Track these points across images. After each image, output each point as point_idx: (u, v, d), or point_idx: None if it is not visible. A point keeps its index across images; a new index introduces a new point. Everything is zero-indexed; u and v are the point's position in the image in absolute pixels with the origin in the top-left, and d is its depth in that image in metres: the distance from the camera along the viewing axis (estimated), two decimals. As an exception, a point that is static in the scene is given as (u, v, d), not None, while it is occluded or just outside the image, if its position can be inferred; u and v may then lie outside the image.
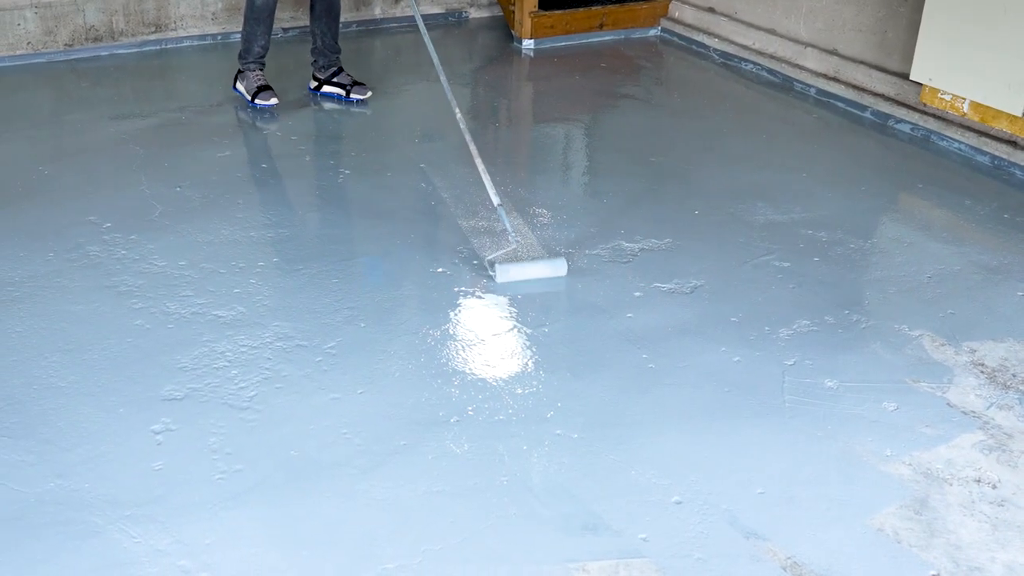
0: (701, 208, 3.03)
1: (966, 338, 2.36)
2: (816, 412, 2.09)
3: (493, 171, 3.29)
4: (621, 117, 3.81)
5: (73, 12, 4.07)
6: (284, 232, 2.81)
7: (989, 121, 3.29)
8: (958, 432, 2.03)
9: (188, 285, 2.50)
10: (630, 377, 2.20)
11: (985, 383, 2.19)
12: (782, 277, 2.63)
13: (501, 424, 2.03)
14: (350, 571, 1.67)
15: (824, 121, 3.78)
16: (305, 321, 2.37)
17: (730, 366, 2.24)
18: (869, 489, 1.87)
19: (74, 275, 2.52)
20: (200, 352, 2.23)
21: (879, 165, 3.40)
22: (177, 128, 3.48)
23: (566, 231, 2.86)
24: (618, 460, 1.94)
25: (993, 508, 1.83)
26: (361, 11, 4.72)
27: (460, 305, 2.47)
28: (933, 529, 1.78)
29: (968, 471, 1.92)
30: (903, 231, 2.95)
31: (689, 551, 1.72)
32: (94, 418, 2.00)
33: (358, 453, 1.94)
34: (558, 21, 4.57)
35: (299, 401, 2.09)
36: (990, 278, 2.64)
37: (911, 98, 3.62)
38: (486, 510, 1.80)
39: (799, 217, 2.97)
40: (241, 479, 1.86)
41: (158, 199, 2.96)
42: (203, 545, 1.71)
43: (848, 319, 2.44)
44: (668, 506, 1.82)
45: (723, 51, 4.42)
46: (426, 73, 4.21)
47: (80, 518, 1.75)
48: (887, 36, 3.76)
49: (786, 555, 1.72)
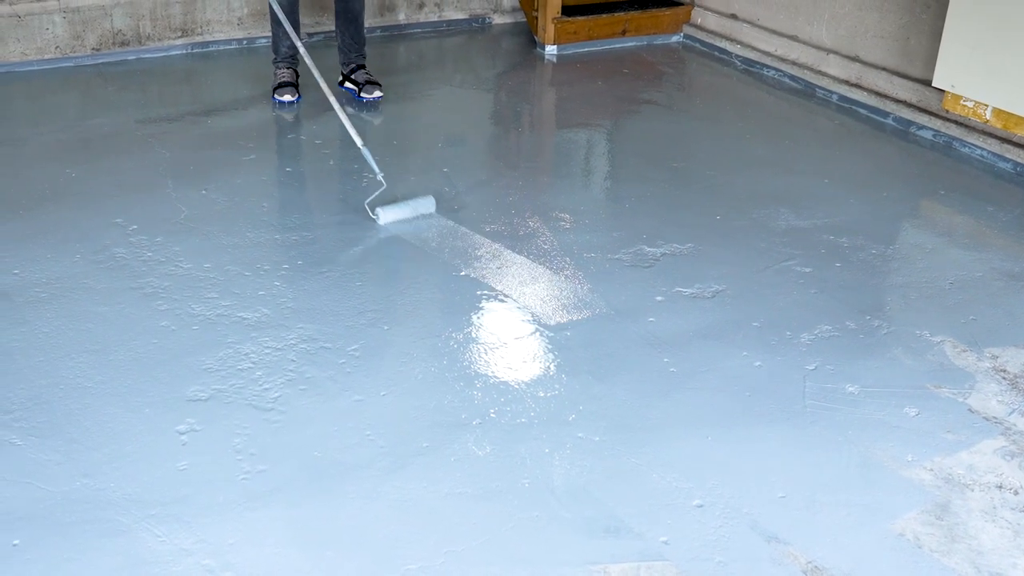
0: (723, 213, 3.02)
1: (988, 344, 2.34)
2: (837, 417, 2.08)
3: (516, 176, 3.31)
4: (643, 123, 3.80)
5: (101, 17, 4.13)
6: (308, 235, 2.83)
7: (1012, 128, 3.26)
8: (980, 438, 2.02)
9: (213, 287, 2.52)
10: (652, 381, 2.20)
11: (1007, 389, 2.17)
12: (804, 282, 2.62)
13: (523, 427, 2.04)
14: (372, 572, 1.67)
15: (846, 127, 3.76)
16: (329, 323, 2.38)
17: (751, 371, 2.24)
18: (890, 494, 1.86)
19: (100, 277, 2.55)
20: (225, 353, 2.25)
21: (901, 171, 3.38)
22: (203, 131, 3.51)
23: (588, 235, 2.86)
24: (639, 463, 1.94)
25: (1015, 514, 1.82)
26: (386, 16, 4.75)
27: (482, 308, 2.48)
28: (954, 535, 1.77)
29: (990, 477, 1.91)
30: (925, 237, 2.93)
31: (710, 554, 1.72)
32: (120, 418, 2.03)
33: (381, 455, 1.95)
34: (581, 27, 4.57)
35: (323, 403, 2.10)
36: (1012, 284, 2.62)
37: (933, 105, 3.60)
38: (508, 512, 1.81)
39: (821, 223, 2.96)
40: (265, 480, 1.88)
41: (184, 202, 2.99)
42: (227, 544, 1.72)
43: (869, 324, 2.42)
44: (689, 509, 1.82)
45: (745, 57, 4.41)
46: (449, 78, 4.23)
47: (106, 517, 1.77)
48: (909, 43, 3.74)
49: (807, 559, 1.71)
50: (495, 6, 4.94)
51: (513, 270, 2.66)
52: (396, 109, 3.81)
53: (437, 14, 4.84)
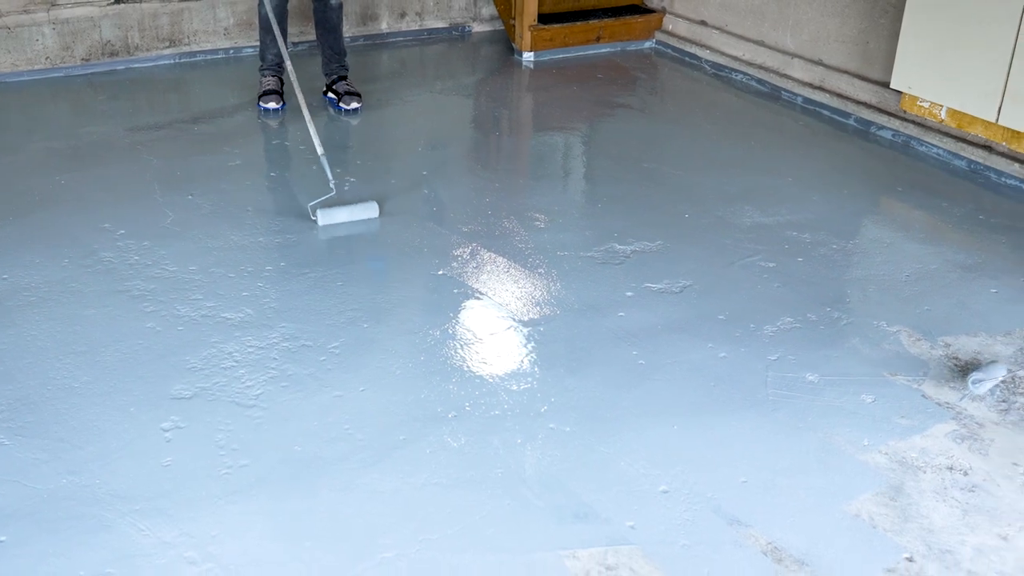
0: (691, 212, 3.03)
1: (941, 333, 2.36)
2: (798, 405, 2.10)
3: (493, 178, 3.31)
4: (617, 125, 3.81)
5: (90, 28, 4.10)
6: (291, 238, 2.83)
7: (965, 127, 3.29)
8: (932, 422, 2.03)
9: (198, 289, 2.51)
10: (621, 373, 2.20)
11: (959, 376, 2.19)
12: (767, 277, 2.64)
13: (497, 419, 2.04)
14: (351, 561, 1.67)
15: (810, 128, 3.78)
16: (310, 322, 2.38)
17: (716, 362, 2.25)
18: (847, 477, 1.88)
19: (88, 280, 2.54)
20: (209, 353, 2.24)
21: (862, 170, 3.40)
22: (190, 139, 3.50)
23: (562, 234, 2.86)
24: (608, 452, 1.95)
25: (964, 494, 1.84)
26: (368, 25, 4.74)
27: (459, 306, 2.48)
28: (907, 514, 1.78)
29: (941, 459, 1.93)
30: (883, 232, 2.96)
31: (675, 538, 1.73)
32: (106, 417, 2.02)
33: (359, 448, 1.95)
34: (557, 34, 4.58)
35: (304, 399, 2.10)
36: (965, 276, 2.64)
37: (892, 106, 3.62)
38: (481, 501, 1.81)
39: (785, 220, 2.97)
40: (247, 474, 1.87)
41: (170, 207, 2.97)
42: (209, 537, 1.72)
43: (830, 316, 2.44)
44: (655, 495, 1.83)
45: (714, 62, 4.42)
46: (430, 85, 4.23)
47: (91, 513, 1.76)
48: (869, 47, 3.76)
49: (767, 540, 1.72)
50: (474, 15, 4.94)
51: (489, 268, 2.66)
52: (378, 115, 3.80)
53: (418, 23, 4.83)
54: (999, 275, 2.66)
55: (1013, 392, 2.15)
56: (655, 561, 1.67)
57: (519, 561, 1.68)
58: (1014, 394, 2.14)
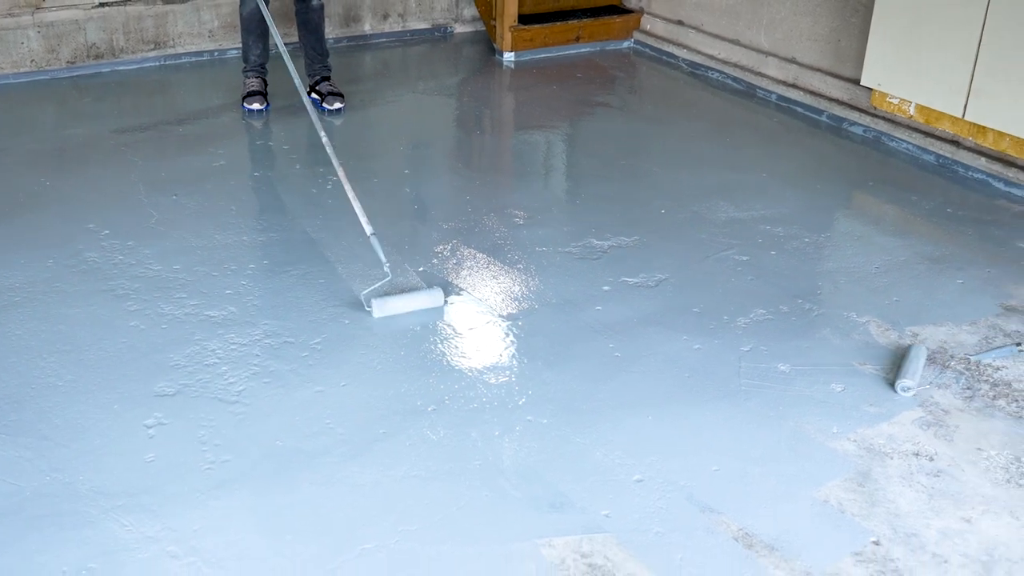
0: (668, 207, 3.04)
1: (909, 323, 2.38)
2: (769, 394, 2.10)
3: (474, 175, 3.31)
4: (596, 124, 3.81)
5: (75, 31, 4.06)
6: (274, 236, 2.81)
7: (933, 122, 3.31)
8: (899, 410, 2.05)
9: (182, 287, 2.50)
10: (598, 365, 2.21)
11: (925, 364, 2.20)
12: (741, 270, 2.65)
13: (475, 412, 2.04)
14: (331, 553, 1.67)
15: (784, 125, 3.79)
16: (293, 319, 2.37)
17: (691, 353, 2.26)
18: (816, 464, 1.89)
19: (73, 280, 2.52)
20: (192, 350, 2.23)
21: (834, 165, 3.42)
22: (175, 140, 3.47)
23: (541, 230, 2.86)
24: (584, 443, 1.95)
25: (929, 479, 1.85)
26: (351, 27, 4.72)
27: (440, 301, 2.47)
28: (874, 499, 1.79)
29: (908, 445, 1.94)
30: (854, 225, 2.97)
31: (648, 525, 1.73)
32: (89, 415, 2.00)
33: (340, 442, 1.95)
34: (537, 35, 4.58)
35: (285, 394, 2.09)
36: (933, 267, 2.66)
37: (863, 102, 3.64)
38: (459, 492, 1.81)
39: (758, 214, 2.98)
40: (229, 469, 1.87)
41: (155, 207, 2.95)
42: (191, 531, 1.71)
43: (801, 308, 2.45)
44: (630, 484, 1.83)
45: (691, 61, 4.43)
46: (412, 85, 4.22)
47: (74, 509, 1.75)
48: (840, 45, 3.78)
49: (738, 527, 1.73)
50: (456, 16, 4.93)
51: (469, 265, 2.66)
52: (361, 115, 3.79)
53: (401, 24, 4.82)
54: (965, 266, 2.67)
55: (977, 380, 2.17)
56: (629, 548, 1.68)
57: (497, 551, 1.68)
58: (978, 382, 2.16)
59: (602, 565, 1.64)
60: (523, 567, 1.64)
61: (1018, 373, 2.19)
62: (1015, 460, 1.91)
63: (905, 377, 2.09)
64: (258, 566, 1.64)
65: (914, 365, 2.12)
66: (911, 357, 2.15)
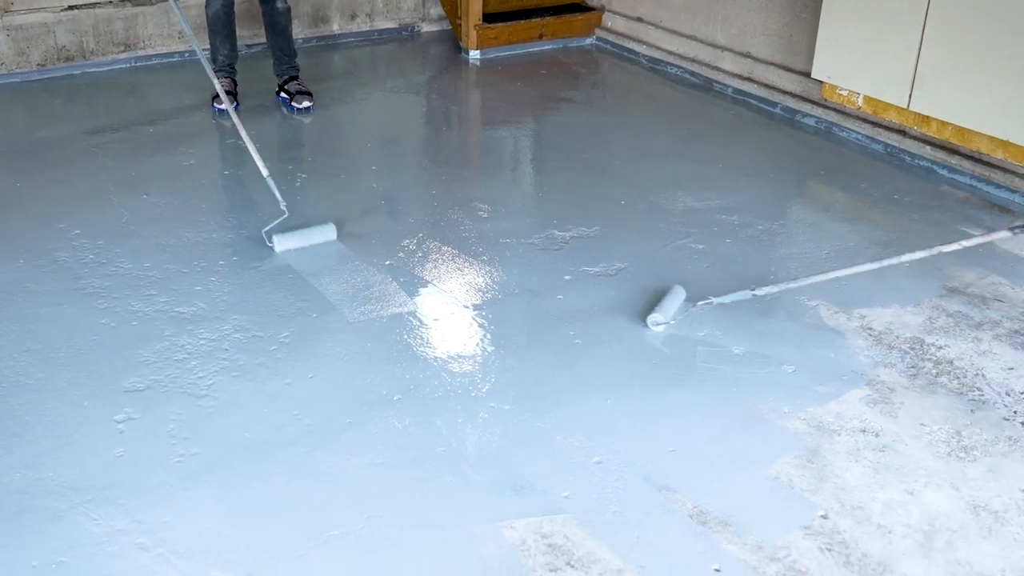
0: (627, 198, 3.04)
1: (857, 306, 2.40)
2: (724, 377, 2.12)
3: (440, 171, 3.29)
4: (560, 119, 3.81)
5: (44, 34, 3.98)
6: (244, 233, 2.78)
7: (881, 113, 3.34)
8: (847, 388, 2.07)
9: (152, 285, 2.46)
10: (559, 352, 2.21)
11: (872, 344, 2.23)
12: (697, 257, 2.66)
13: (440, 400, 2.03)
14: (298, 540, 1.66)
15: (740, 117, 3.81)
16: (261, 314, 2.34)
17: (649, 338, 2.26)
18: (768, 443, 1.90)
19: (43, 280, 2.47)
20: (162, 346, 2.20)
21: (787, 155, 3.44)
22: (146, 140, 3.42)
23: (504, 223, 2.85)
24: (546, 428, 1.95)
25: (875, 454, 1.87)
26: (320, 27, 4.67)
27: (405, 293, 2.46)
28: (823, 475, 1.81)
29: (855, 422, 1.96)
30: (806, 213, 2.99)
31: (607, 505, 1.74)
32: (59, 412, 1.97)
33: (308, 433, 1.93)
34: (501, 33, 4.55)
35: (254, 388, 2.07)
36: (881, 252, 2.69)
37: (814, 94, 3.67)
38: (424, 478, 1.80)
39: (714, 204, 3.00)
40: (198, 461, 1.84)
41: (125, 206, 2.90)
42: (160, 523, 1.69)
43: (755, 293, 2.46)
44: (589, 466, 1.84)
45: (651, 56, 4.44)
46: (381, 84, 4.18)
47: (44, 504, 1.72)
48: (792, 39, 3.80)
49: (693, 504, 1.74)
50: (423, 15, 4.89)
51: (435, 257, 2.64)
52: (330, 113, 3.75)
53: (369, 24, 4.77)
54: (912, 250, 2.69)
55: (922, 359, 2.19)
56: (588, 528, 1.68)
57: (460, 534, 1.67)
58: (923, 360, 2.19)
59: (562, 545, 1.65)
60: (485, 549, 1.64)
61: (960, 351, 2.22)
62: (956, 434, 1.94)
63: (657, 312, 2.21)
64: (226, 555, 1.63)
65: (669, 303, 2.24)
66: (669, 295, 2.27)
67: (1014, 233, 2.09)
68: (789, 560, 1.62)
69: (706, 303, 2.28)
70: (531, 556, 1.62)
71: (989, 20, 2.86)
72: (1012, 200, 3.02)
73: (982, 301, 2.43)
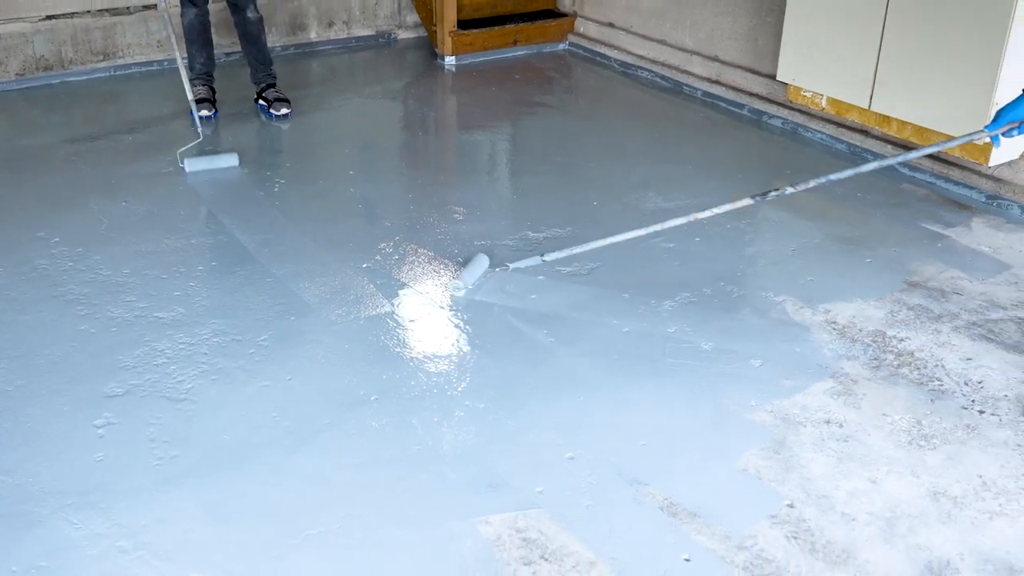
0: (599, 199, 3.05)
1: (822, 301, 2.42)
2: (693, 372, 2.13)
3: (417, 175, 3.28)
4: (534, 123, 3.81)
5: (22, 43, 3.93)
6: (223, 238, 2.76)
7: (843, 114, 3.38)
8: (812, 381, 2.09)
9: (131, 291, 2.44)
10: (533, 351, 2.21)
11: (836, 338, 2.25)
12: (667, 256, 2.67)
13: (416, 399, 2.03)
14: (276, 540, 1.65)
15: (709, 119, 3.83)
16: (240, 318, 2.33)
17: (620, 336, 2.27)
18: (736, 435, 1.91)
19: (23, 287, 2.44)
20: (141, 351, 2.18)
21: (755, 155, 3.47)
22: (125, 148, 3.38)
23: (479, 225, 2.85)
24: (520, 425, 1.95)
25: (839, 444, 1.89)
26: (298, 35, 4.65)
27: (382, 295, 2.45)
28: (789, 465, 1.83)
29: (820, 414, 1.98)
30: (773, 212, 3.02)
31: (579, 500, 1.74)
32: (39, 418, 1.95)
33: (286, 434, 1.92)
34: (476, 39, 4.55)
35: (233, 390, 2.06)
36: (844, 248, 2.72)
37: (780, 96, 3.70)
38: (400, 477, 1.80)
39: (684, 203, 3.01)
40: (177, 464, 1.83)
41: (105, 214, 2.87)
42: (140, 526, 1.67)
43: (723, 290, 2.48)
44: (562, 462, 1.84)
45: (622, 61, 4.45)
46: (359, 90, 4.16)
47: (24, 510, 1.70)
48: (758, 43, 3.83)
49: (664, 497, 1.75)
50: (399, 23, 4.88)
51: (411, 260, 2.64)
52: (308, 119, 3.73)
53: (346, 31, 4.76)
54: (874, 246, 2.74)
55: (884, 351, 2.22)
56: (561, 522, 1.69)
57: (436, 531, 1.67)
58: (885, 352, 2.21)
59: (536, 539, 1.65)
60: (461, 545, 1.64)
61: (920, 343, 2.25)
62: (916, 423, 1.97)
63: (458, 279, 2.39)
64: (206, 556, 1.61)
65: (472, 269, 2.41)
66: (472, 262, 2.45)
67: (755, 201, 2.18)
68: (756, 549, 1.63)
69: (502, 268, 2.49)
70: (506, 551, 1.62)
71: (944, 25, 2.90)
72: (969, 196, 3.07)
73: (941, 294, 2.46)
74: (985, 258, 2.66)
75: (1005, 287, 2.50)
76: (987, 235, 2.80)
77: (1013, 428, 1.94)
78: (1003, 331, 2.29)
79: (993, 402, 2.02)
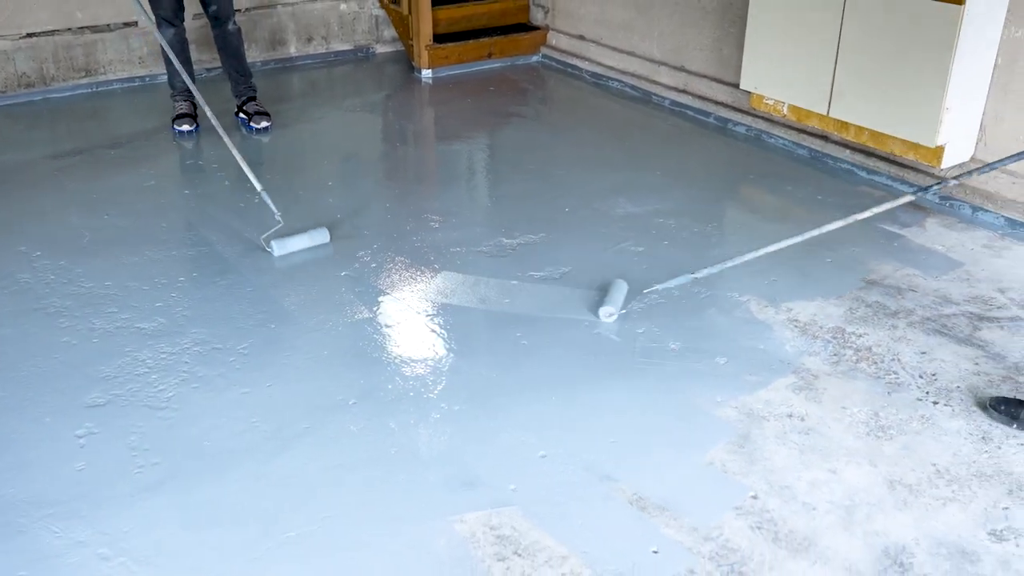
0: (571, 206, 3.06)
1: (784, 300, 2.45)
2: (662, 371, 2.14)
3: (394, 185, 3.28)
4: (509, 133, 3.82)
5: (3, 61, 3.89)
6: (204, 250, 2.74)
7: (804, 120, 3.42)
8: (775, 377, 2.11)
9: (113, 302, 2.42)
10: (506, 354, 2.21)
11: (798, 335, 2.28)
12: (637, 259, 2.69)
13: (393, 403, 2.03)
14: (256, 542, 1.64)
15: (677, 127, 3.86)
16: (220, 327, 2.31)
17: (591, 338, 2.28)
18: (703, 431, 1.93)
19: (4, 301, 2.41)
20: (123, 361, 2.16)
21: (720, 161, 3.50)
22: (107, 162, 3.35)
23: (455, 232, 2.86)
24: (494, 426, 1.95)
25: (801, 437, 1.91)
26: (278, 50, 4.63)
27: (360, 302, 2.45)
28: (753, 458, 1.84)
29: (782, 408, 2.00)
30: (738, 215, 3.05)
31: (551, 496, 1.75)
32: (21, 429, 1.92)
33: (266, 439, 1.91)
34: (452, 52, 4.56)
35: (213, 398, 2.04)
36: (806, 249, 2.73)
37: (744, 104, 3.73)
38: (378, 478, 1.80)
39: (653, 208, 3.03)
40: (158, 471, 1.81)
41: (87, 227, 2.85)
42: (121, 533, 1.66)
43: (690, 291, 2.50)
44: (535, 460, 1.84)
45: (593, 72, 4.48)
46: (338, 103, 4.16)
47: (5, 520, 1.68)
48: (723, 53, 3.87)
49: (633, 492, 1.76)
50: (377, 37, 4.88)
51: (388, 267, 2.64)
52: (288, 132, 3.72)
53: (325, 46, 4.75)
54: (834, 247, 2.77)
55: (843, 347, 2.25)
56: (533, 518, 1.69)
57: (413, 529, 1.67)
58: (844, 348, 2.24)
59: (509, 535, 1.65)
60: (436, 543, 1.64)
61: (877, 339, 2.28)
62: (874, 415, 1.99)
63: (608, 304, 2.31)
64: (187, 560, 1.60)
65: (616, 294, 2.34)
66: (614, 288, 2.38)
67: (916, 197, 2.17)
68: (722, 539, 1.65)
69: (651, 291, 2.38)
70: (480, 547, 1.62)
71: (897, 34, 2.94)
72: (924, 198, 3.11)
73: (898, 292, 2.50)
74: (938, 256, 2.70)
75: (957, 283, 2.53)
76: (940, 234, 2.85)
77: (965, 418, 1.97)
78: (955, 325, 2.32)
79: (946, 393, 2.06)
